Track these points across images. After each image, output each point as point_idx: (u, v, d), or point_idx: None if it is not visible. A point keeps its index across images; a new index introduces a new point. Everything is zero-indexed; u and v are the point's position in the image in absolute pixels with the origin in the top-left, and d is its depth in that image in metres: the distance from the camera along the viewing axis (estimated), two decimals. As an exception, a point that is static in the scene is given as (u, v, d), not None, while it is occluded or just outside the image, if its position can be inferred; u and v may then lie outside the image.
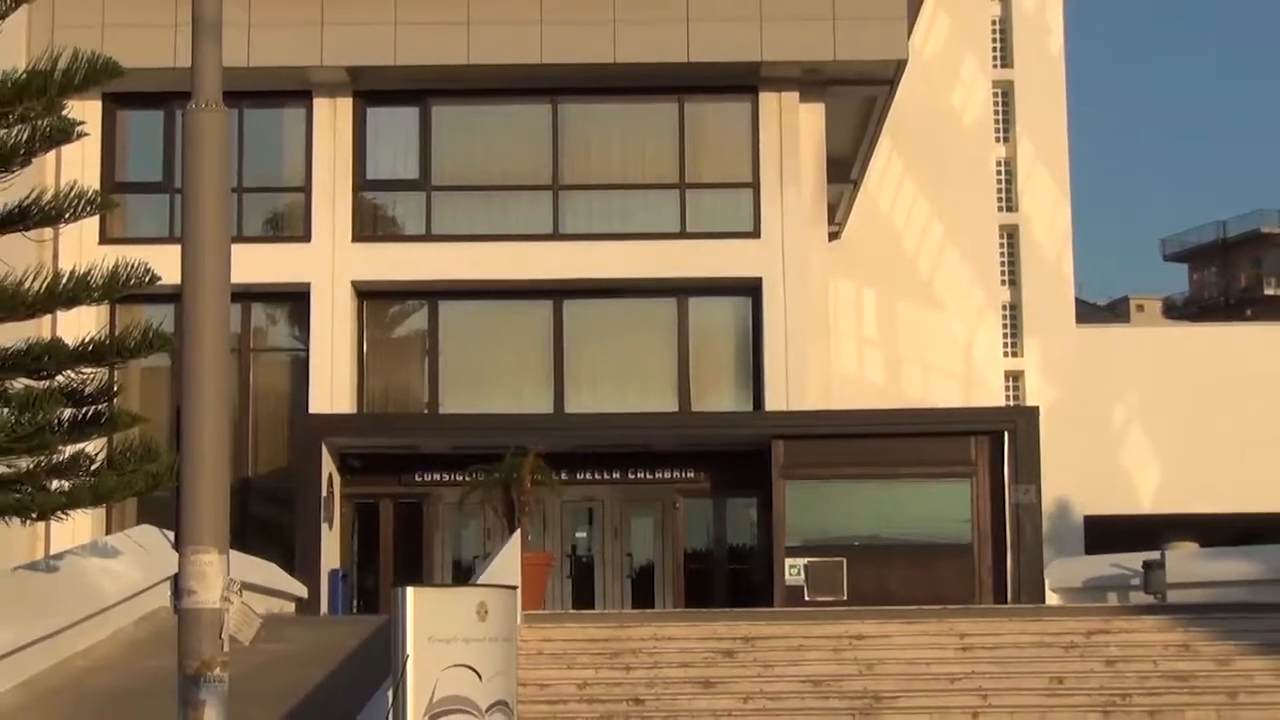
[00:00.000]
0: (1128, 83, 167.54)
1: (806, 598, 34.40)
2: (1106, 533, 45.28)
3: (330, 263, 38.14)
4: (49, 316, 24.16)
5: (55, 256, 31.87)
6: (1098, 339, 54.18)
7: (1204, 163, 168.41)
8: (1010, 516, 36.00)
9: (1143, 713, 21.64)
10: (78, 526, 31.08)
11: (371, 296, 39.04)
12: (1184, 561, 35.55)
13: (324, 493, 35.96)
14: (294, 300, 38.39)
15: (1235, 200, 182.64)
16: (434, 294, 39.12)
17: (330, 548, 36.14)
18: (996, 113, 51.46)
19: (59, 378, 21.43)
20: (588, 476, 37.64)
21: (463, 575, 34.96)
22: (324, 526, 35.89)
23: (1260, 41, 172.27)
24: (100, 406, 21.85)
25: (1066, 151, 51.77)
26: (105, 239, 34.17)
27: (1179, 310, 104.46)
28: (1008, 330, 50.47)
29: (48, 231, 24.58)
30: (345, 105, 38.66)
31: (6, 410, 20.79)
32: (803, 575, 35.24)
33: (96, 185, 32.19)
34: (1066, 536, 44.89)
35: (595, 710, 21.85)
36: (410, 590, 14.72)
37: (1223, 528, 45.43)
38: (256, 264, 31.75)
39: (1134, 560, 36.47)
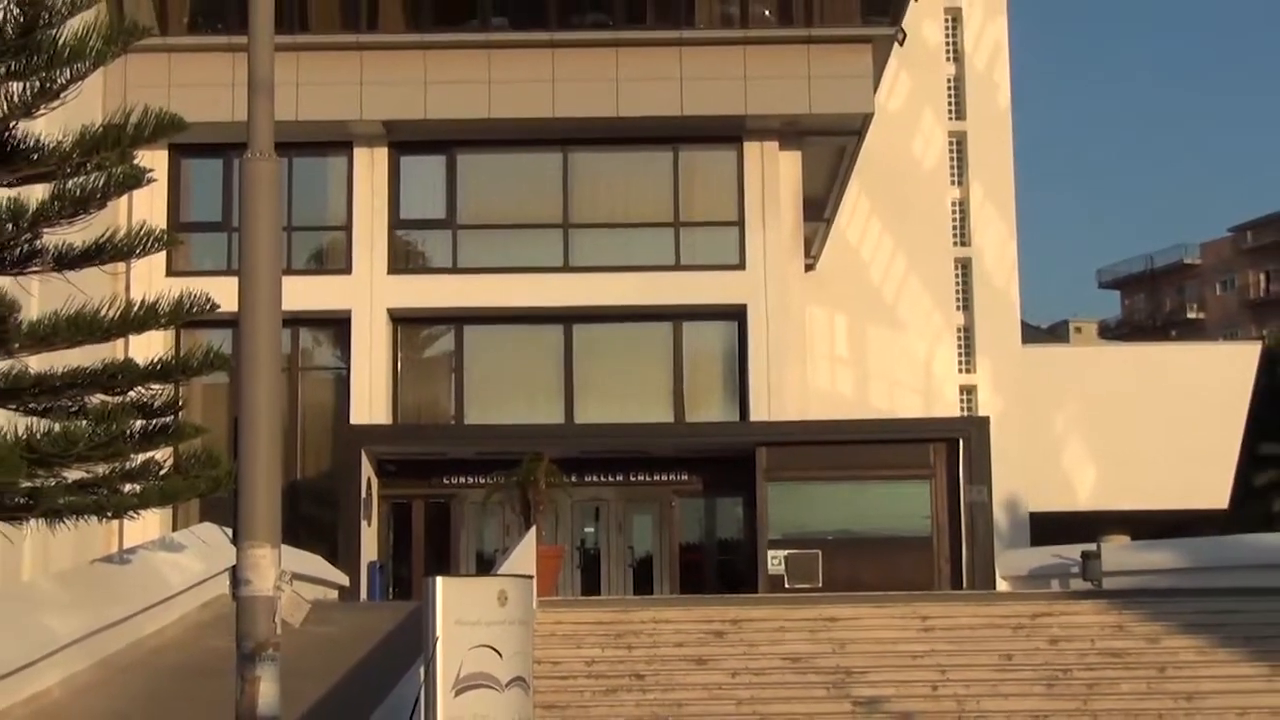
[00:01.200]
0: (1068, 130, 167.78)
1: (786, 585, 34.35)
2: (1049, 527, 45.25)
3: (369, 292, 38.15)
4: (122, 340, 24.08)
5: (127, 287, 31.82)
6: (1040, 357, 54.14)
7: (1134, 202, 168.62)
8: (965, 513, 36.01)
9: (1082, 685, 21.59)
10: (147, 524, 31.03)
11: (405, 322, 39.04)
12: (1117, 552, 35.51)
13: (363, 494, 35.94)
14: (337, 325, 38.39)
15: (1162, 234, 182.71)
16: (459, 319, 39.12)
17: (369, 542, 36.13)
18: (951, 159, 51.44)
19: (131, 394, 21.42)
20: (594, 479, 37.64)
21: (485, 566, 34.92)
22: (363, 523, 35.87)
23: (1177, 93, 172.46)
24: (167, 419, 21.82)
25: (1012, 192, 51.79)
26: (171, 272, 34.18)
27: (1112, 332, 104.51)
28: (962, 350, 50.44)
29: (121, 265, 24.52)
30: (381, 154, 38.68)
31: (85, 422, 20.77)
32: (783, 565, 35.21)
33: (163, 225, 32.14)
34: (1014, 530, 44.85)
35: (601, 685, 21.80)
36: (439, 580, 14.68)
37: (1151, 522, 45.44)
38: (304, 293, 31.71)
39: (1073, 551, 36.44)
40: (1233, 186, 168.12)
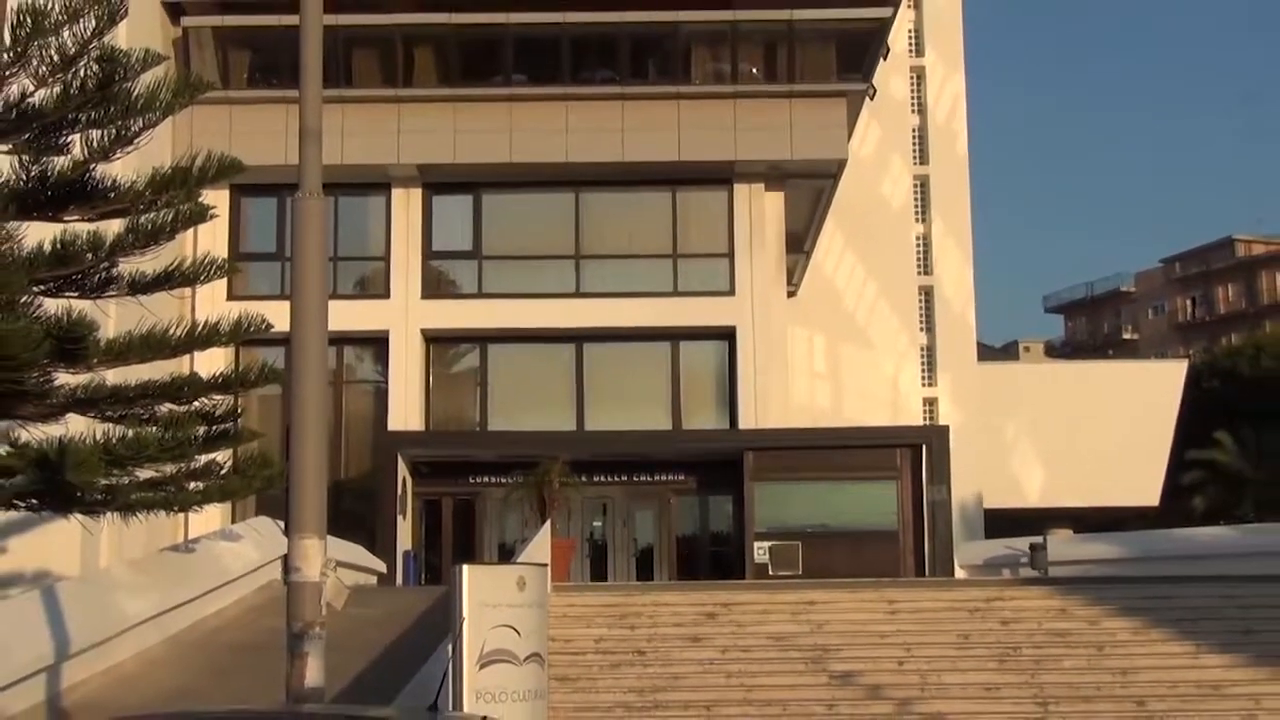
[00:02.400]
0: (1019, 172, 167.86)
1: (770, 573, 34.32)
2: (1001, 522, 45.22)
3: (405, 315, 38.17)
4: (188, 355, 24.09)
5: (193, 309, 31.86)
6: (994, 373, 54.20)
7: (1077, 236, 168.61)
8: (927, 510, 36.00)
9: (1030, 661, 21.56)
10: (209, 517, 31.11)
11: (436, 341, 39.03)
12: (1061, 544, 35.50)
13: (399, 491, 35.94)
14: (376, 344, 38.39)
15: (1101, 265, 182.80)
16: (484, 339, 39.14)
17: (403, 534, 36.13)
18: (915, 199, 51.55)
19: (195, 403, 21.44)
20: (602, 479, 37.59)
21: (505, 556, 34.86)
22: (399, 517, 35.87)
23: (1119, 139, 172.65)
24: (227, 425, 21.84)
25: (969, 228, 51.90)
26: (231, 296, 34.18)
27: (1057, 351, 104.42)
28: (924, 366, 50.50)
29: (187, 290, 24.60)
30: (416, 194, 38.72)
31: (155, 428, 20.79)
32: (768, 555, 35.17)
33: (224, 255, 32.26)
34: (970, 525, 44.85)
35: (607, 660, 21.78)
36: (466, 568, 14.67)
37: (1091, 518, 45.43)
38: (347, 316, 31.71)
39: (1022, 544, 36.42)
40: (1164, 223, 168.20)
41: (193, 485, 21.58)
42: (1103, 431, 47.99)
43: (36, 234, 20.11)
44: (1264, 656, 21.25)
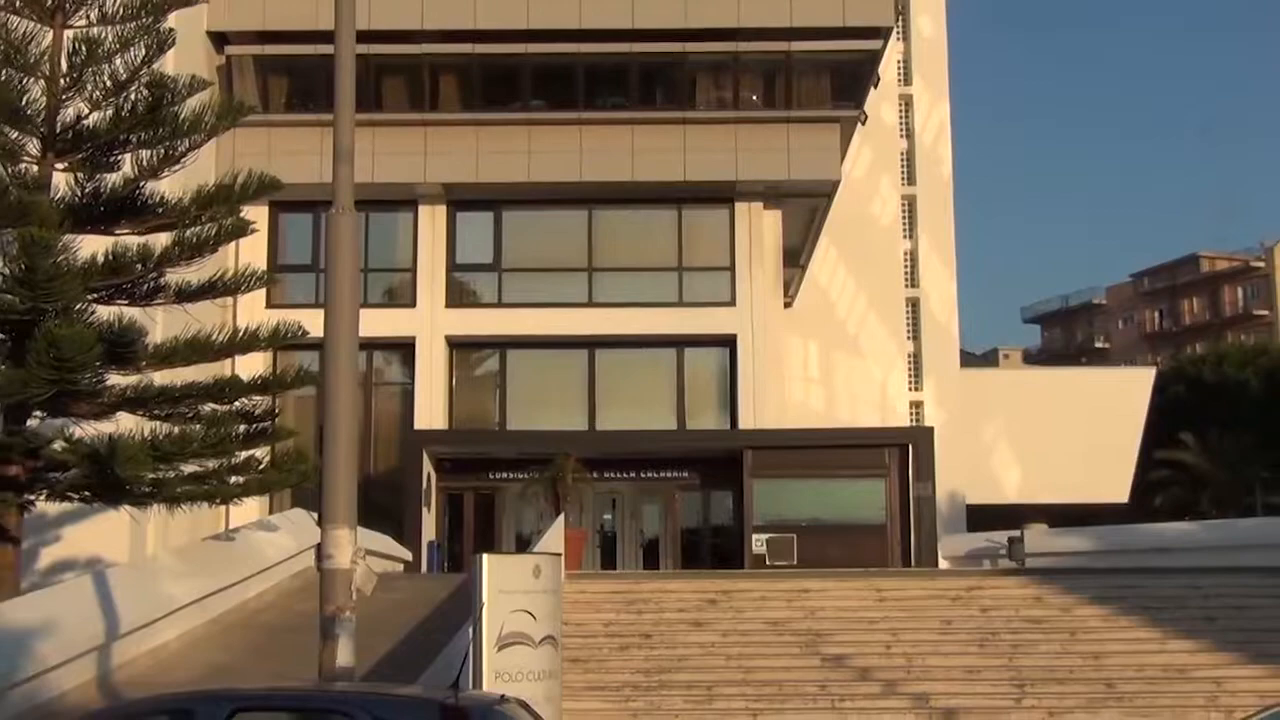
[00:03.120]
0: (1000, 192, 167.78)
1: (768, 563, 34.25)
2: (982, 516, 45.18)
3: (430, 322, 38.18)
4: (229, 359, 24.12)
5: (234, 316, 31.88)
6: (975, 378, 54.15)
7: (1052, 251, 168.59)
8: (913, 505, 35.91)
9: (1008, 645, 21.55)
10: (248, 509, 31.04)
11: (459, 346, 39.02)
12: (1037, 537, 35.47)
13: (424, 486, 35.92)
14: (403, 349, 38.36)
15: (1075, 279, 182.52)
16: (503, 345, 39.13)
17: (428, 525, 36.09)
18: (903, 217, 51.55)
19: (236, 403, 21.46)
20: (612, 475, 37.53)
21: (522, 545, 34.84)
22: (424, 510, 35.85)
23: (1095, 159, 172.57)
24: (266, 424, 21.88)
25: (953, 245, 51.90)
26: (270, 304, 34.17)
27: (1034, 358, 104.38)
28: (911, 372, 50.49)
29: (229, 298, 24.60)
30: (440, 211, 38.73)
31: (199, 426, 20.81)
32: (765, 546, 35.10)
33: (263, 266, 32.18)
34: (953, 519, 44.80)
35: (616, 642, 21.78)
36: (485, 556, 14.69)
37: (1065, 513, 45.31)
38: (377, 323, 31.66)
39: (1001, 536, 36.43)
40: (1134, 239, 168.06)
41: (233, 479, 21.61)
42: (1076, 433, 47.92)
43: (90, 246, 20.15)
44: (1226, 642, 21.24)
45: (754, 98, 38.63)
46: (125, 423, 20.80)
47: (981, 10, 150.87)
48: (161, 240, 20.83)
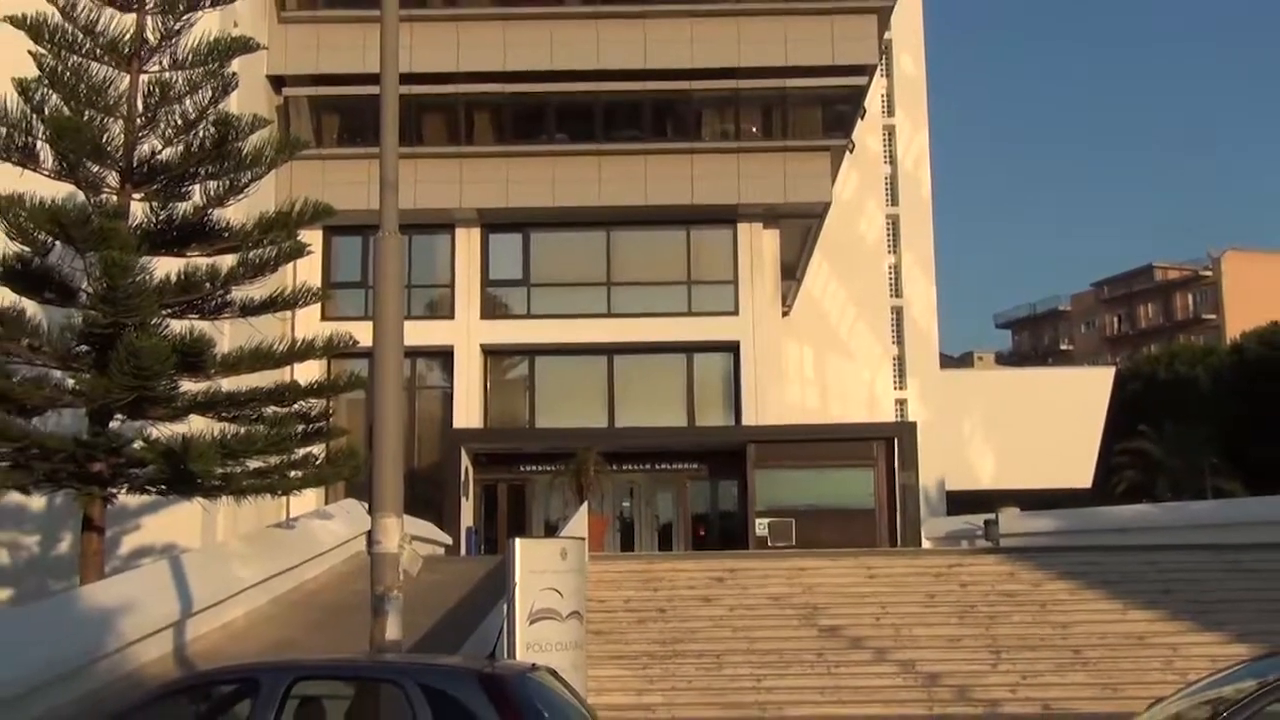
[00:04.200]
0: (975, 210, 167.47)
1: (769, 544, 34.23)
2: (960, 501, 45.21)
3: (467, 332, 38.24)
4: (289, 366, 24.17)
5: (292, 328, 31.98)
6: (953, 378, 54.25)
7: (1021, 264, 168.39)
8: (898, 492, 35.88)
9: (985, 617, 21.45)
10: (306, 499, 31.17)
11: (493, 354, 39.08)
12: (1010, 520, 35.32)
13: (462, 478, 35.98)
14: (443, 356, 38.45)
15: (1042, 287, 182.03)
16: (532, 352, 39.17)
17: (466, 513, 36.17)
18: (888, 235, 51.63)
19: (295, 406, 21.49)
20: (629, 467, 37.56)
21: (550, 531, 34.85)
22: (462, 499, 35.90)
23: (1057, 179, 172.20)
24: (321, 424, 21.90)
25: (933, 259, 51.98)
26: (324, 317, 34.22)
27: (1005, 360, 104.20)
28: (895, 373, 50.54)
29: (288, 312, 24.66)
30: (475, 233, 38.80)
31: (262, 426, 20.85)
32: (767, 529, 35.09)
33: (318, 283, 32.35)
34: (935, 504, 44.81)
35: (634, 616, 21.73)
36: (518, 541, 14.67)
37: (1035, 497, 45.27)
38: (419, 333, 31.80)
39: (978, 519, 36.37)
40: (1095, 252, 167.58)
41: (293, 473, 21.64)
42: (1044, 426, 47.92)
43: (164, 267, 20.21)
44: (1180, 613, 21.14)
45: (753, 129, 38.66)
46: (196, 424, 20.86)
47: (958, 49, 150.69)
48: (227, 261, 20.90)
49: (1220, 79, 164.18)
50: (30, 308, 20.17)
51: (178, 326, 19.97)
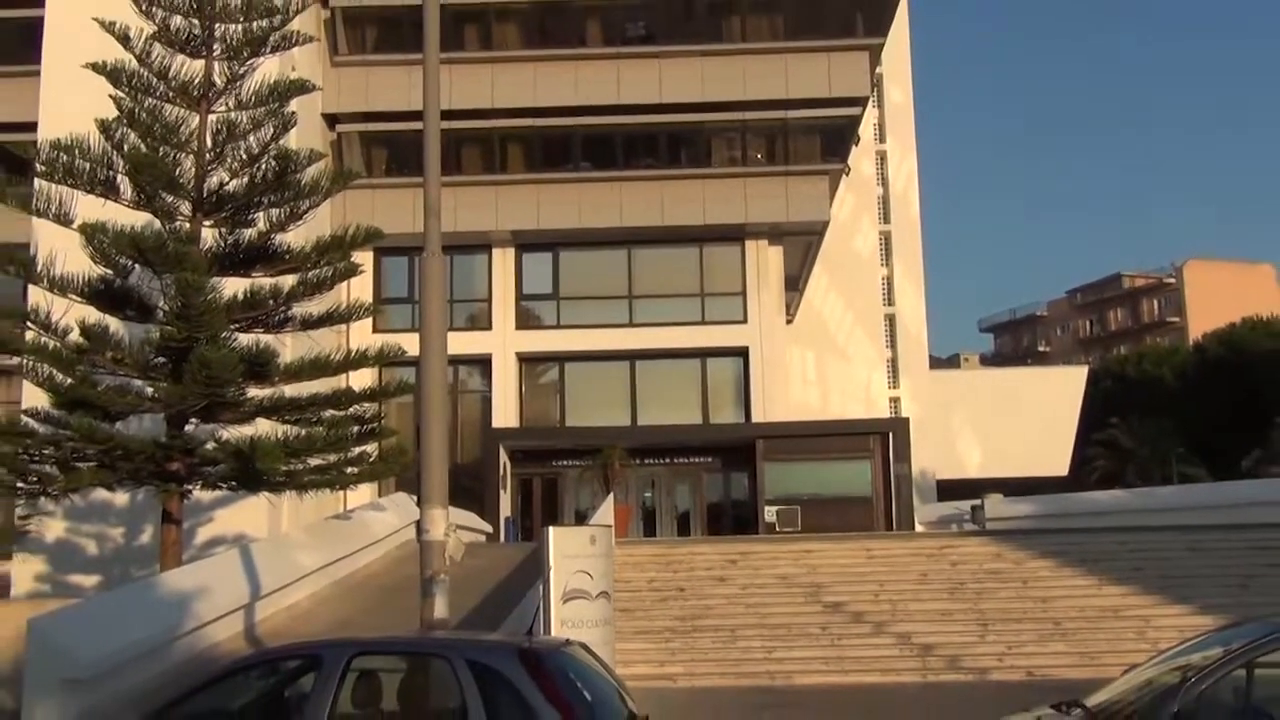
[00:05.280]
0: (959, 226, 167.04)
1: (777, 529, 34.21)
2: (949, 489, 45.11)
3: (503, 342, 38.29)
4: (344, 374, 24.24)
5: (347, 339, 31.99)
6: (942, 378, 54.11)
7: (1002, 274, 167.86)
8: (893, 481, 35.81)
9: (973, 593, 21.38)
10: (361, 493, 31.23)
11: (527, 361, 39.11)
12: (995, 505, 35.24)
13: (500, 473, 36.03)
14: (482, 364, 38.49)
15: (1021, 295, 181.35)
16: (562, 359, 39.20)
17: (504, 504, 36.21)
18: (881, 250, 51.62)
19: (350, 409, 21.53)
20: (651, 461, 37.58)
21: (580, 519, 34.89)
22: (501, 492, 35.95)
23: (1032, 194, 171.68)
24: (374, 425, 21.92)
25: (922, 271, 51.87)
26: (375, 329, 34.34)
27: (989, 361, 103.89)
28: (889, 374, 50.46)
29: (343, 326, 24.72)
30: (510, 252, 38.86)
31: (321, 428, 20.90)
32: (775, 516, 35.05)
33: (369, 299, 32.32)
34: (926, 491, 44.67)
35: (657, 595, 21.71)
36: (551, 529, 14.65)
37: (1017, 485, 45.17)
38: (461, 343, 31.88)
39: (965, 505, 36.26)
40: (1068, 262, 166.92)
41: (349, 470, 21.67)
42: (1024, 420, 47.79)
43: (232, 286, 20.28)
44: (1150, 588, 21.04)
45: (758, 156, 38.63)
46: (262, 426, 20.92)
47: (943, 82, 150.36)
48: (289, 281, 20.96)
49: (1177, 111, 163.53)
50: (113, 324, 20.26)
51: (245, 339, 20.03)
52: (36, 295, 20.88)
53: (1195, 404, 64.05)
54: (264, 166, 20.45)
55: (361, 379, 28.43)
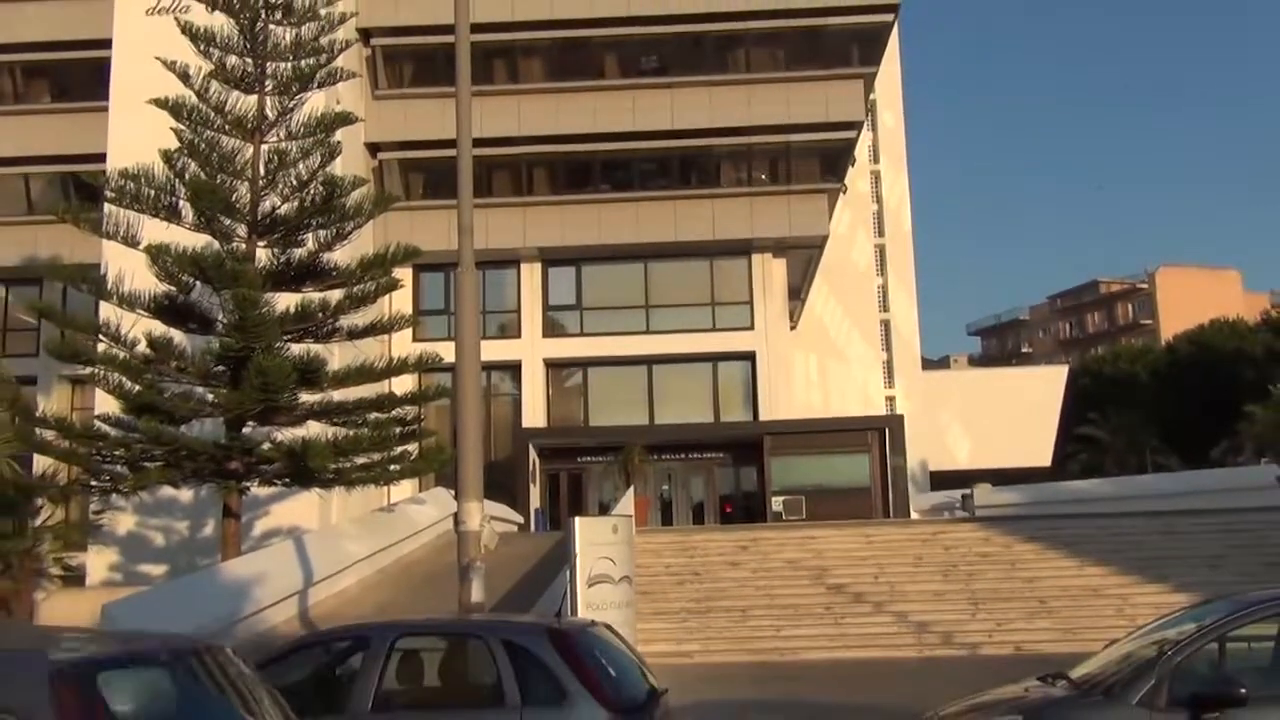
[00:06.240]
0: (947, 239, 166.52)
1: (784, 518, 34.12)
2: (942, 479, 44.90)
3: (532, 349, 38.28)
4: (387, 380, 24.31)
5: (389, 348, 32.08)
6: (933, 378, 53.97)
7: (987, 281, 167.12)
8: (890, 472, 35.67)
9: (964, 574, 21.34)
10: (403, 489, 31.29)
11: (553, 366, 39.07)
12: (984, 494, 35.16)
13: (530, 468, 36.03)
14: (513, 369, 38.44)
15: (1005, 300, 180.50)
16: (585, 364, 39.10)
17: (534, 496, 36.19)
18: (876, 261, 51.45)
19: (393, 412, 21.61)
20: (667, 457, 37.48)
21: (603, 510, 34.83)
22: (531, 485, 35.96)
23: (1017, 205, 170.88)
24: (414, 426, 22.03)
25: (914, 280, 51.72)
26: (415, 339, 34.29)
27: (976, 361, 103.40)
28: (885, 375, 50.27)
29: (385, 335, 24.81)
30: (537, 267, 38.82)
31: (367, 429, 20.98)
32: (782, 506, 34.98)
33: (409, 311, 32.42)
34: (920, 482, 44.50)
35: (674, 579, 21.73)
36: (577, 519, 14.71)
37: (1004, 475, 44.92)
38: (493, 350, 31.77)
39: (956, 494, 36.15)
40: (1049, 269, 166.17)
41: (392, 467, 21.76)
42: (1010, 416, 47.60)
43: (284, 301, 20.39)
44: (1128, 569, 20.96)
45: (763, 177, 38.56)
46: (313, 428, 21.02)
47: (931, 107, 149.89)
48: (335, 295, 21.07)
49: (1149, 128, 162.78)
50: (177, 336, 20.39)
51: (296, 349, 20.14)
52: (107, 310, 21.03)
53: (1168, 399, 63.73)
54: (312, 192, 20.56)
55: (402, 384, 28.46)
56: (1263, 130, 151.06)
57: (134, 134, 24.57)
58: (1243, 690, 6.18)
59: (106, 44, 31.90)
